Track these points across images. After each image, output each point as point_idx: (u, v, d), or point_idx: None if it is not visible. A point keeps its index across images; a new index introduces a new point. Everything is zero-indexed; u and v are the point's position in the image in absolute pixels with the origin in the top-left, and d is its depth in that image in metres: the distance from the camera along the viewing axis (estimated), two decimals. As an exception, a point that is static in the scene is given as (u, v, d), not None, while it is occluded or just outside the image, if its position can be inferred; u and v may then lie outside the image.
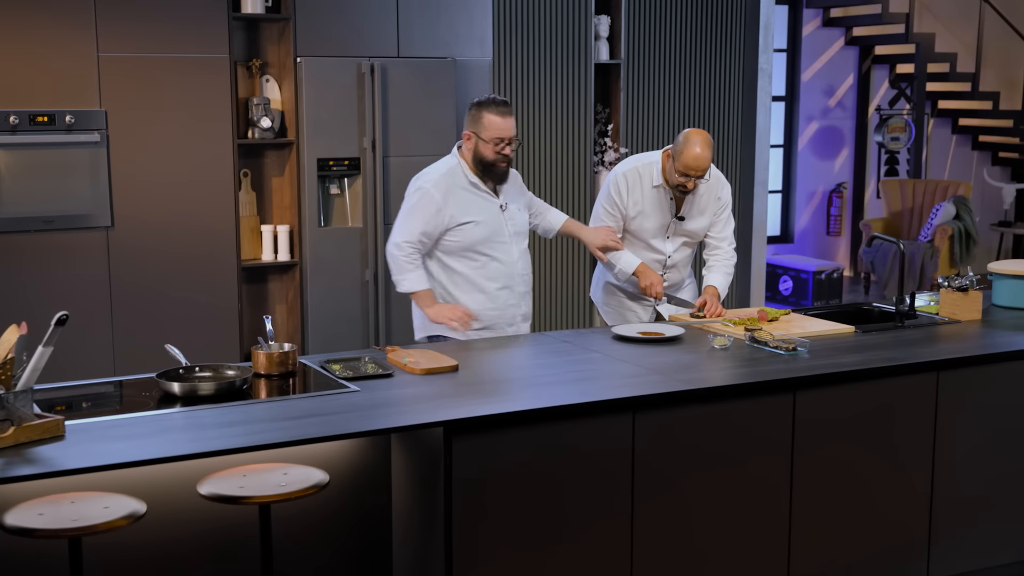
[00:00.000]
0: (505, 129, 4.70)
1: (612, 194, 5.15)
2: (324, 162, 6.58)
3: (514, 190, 4.95)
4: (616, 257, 5.15)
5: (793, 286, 10.55)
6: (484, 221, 4.78)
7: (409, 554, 3.84)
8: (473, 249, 4.78)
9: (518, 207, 4.94)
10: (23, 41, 5.82)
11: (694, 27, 8.13)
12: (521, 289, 4.92)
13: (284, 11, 6.53)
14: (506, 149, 4.73)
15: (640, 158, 5.20)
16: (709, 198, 5.18)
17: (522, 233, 4.94)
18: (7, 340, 3.30)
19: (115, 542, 3.51)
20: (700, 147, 4.89)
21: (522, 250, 4.92)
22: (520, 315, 4.94)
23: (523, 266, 4.92)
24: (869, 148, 11.87)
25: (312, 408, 3.63)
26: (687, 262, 5.33)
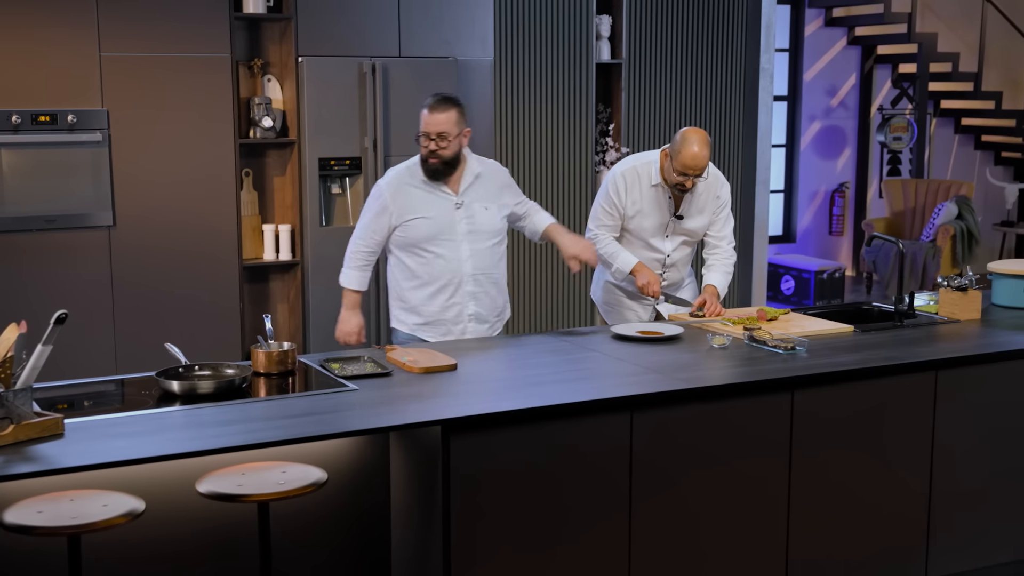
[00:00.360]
0: (428, 124, 4.69)
1: (610, 193, 5.16)
2: (325, 162, 6.60)
3: (487, 190, 4.88)
4: (613, 256, 5.16)
5: (795, 286, 10.56)
6: (433, 218, 4.76)
7: (407, 552, 3.86)
8: (418, 245, 4.78)
9: (486, 206, 4.85)
10: (25, 41, 5.84)
11: (695, 27, 8.14)
12: (470, 288, 4.82)
13: (286, 11, 6.54)
14: (430, 144, 4.70)
15: (638, 157, 5.21)
16: (708, 197, 5.18)
17: (483, 232, 4.84)
18: (7, 339, 3.31)
19: (114, 540, 3.52)
20: (698, 146, 4.90)
21: (477, 249, 4.81)
22: (468, 315, 4.85)
23: (475, 265, 4.81)
24: (871, 148, 11.88)
25: (311, 407, 3.65)
26: (686, 261, 5.34)
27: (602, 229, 5.22)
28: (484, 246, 4.84)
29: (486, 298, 4.87)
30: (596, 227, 5.24)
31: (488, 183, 4.89)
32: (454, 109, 4.70)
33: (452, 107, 4.70)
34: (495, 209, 4.88)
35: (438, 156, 4.72)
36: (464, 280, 4.80)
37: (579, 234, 5.16)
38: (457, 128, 4.72)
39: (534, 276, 7.81)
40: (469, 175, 4.84)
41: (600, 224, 5.22)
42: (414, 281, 4.84)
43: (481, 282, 4.84)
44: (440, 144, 4.69)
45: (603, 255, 5.21)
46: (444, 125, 4.67)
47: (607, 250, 5.20)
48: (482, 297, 4.85)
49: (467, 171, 4.84)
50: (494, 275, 4.90)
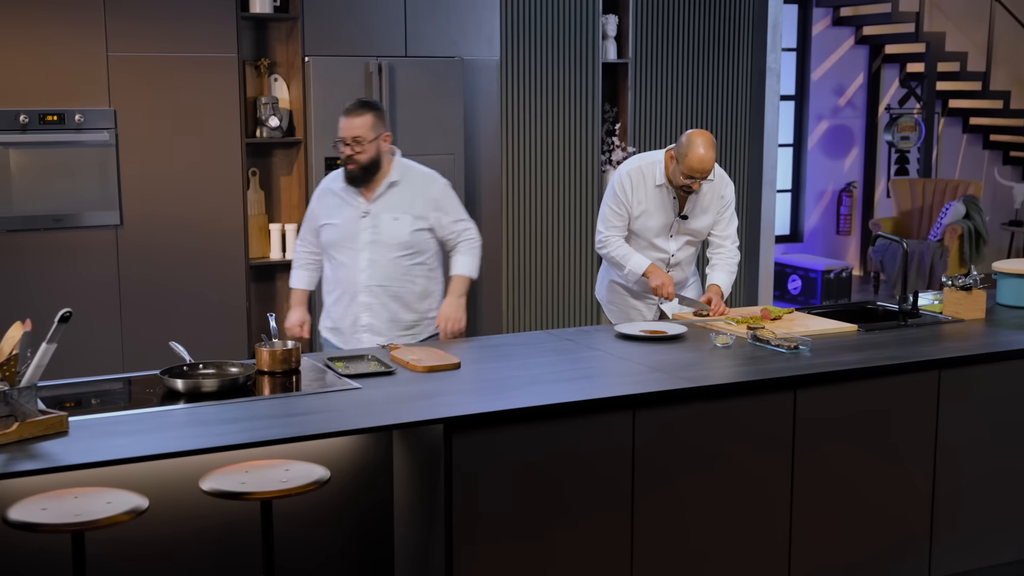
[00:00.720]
0: (343, 128, 4.64)
1: (617, 193, 5.17)
2: (332, 161, 6.61)
3: (402, 200, 4.70)
4: (625, 258, 5.16)
5: (802, 285, 10.56)
6: (338, 225, 4.71)
7: (410, 550, 3.87)
8: (327, 251, 4.79)
9: (396, 217, 4.68)
10: (33, 41, 5.87)
11: (702, 26, 8.14)
12: (363, 299, 4.69)
13: (292, 11, 6.56)
14: (346, 150, 4.63)
15: (642, 158, 5.22)
16: (712, 197, 5.19)
17: (388, 244, 4.67)
18: (11, 337, 3.34)
19: (118, 537, 3.54)
20: (704, 148, 4.91)
21: (377, 260, 4.66)
22: (361, 325, 4.72)
23: (371, 276, 4.67)
24: (879, 147, 11.87)
25: (314, 405, 3.66)
26: (691, 261, 5.35)
27: (612, 231, 5.21)
28: (386, 257, 4.67)
29: (383, 311, 4.70)
30: (606, 229, 5.23)
31: (405, 193, 4.70)
32: (370, 113, 4.61)
33: (368, 111, 4.61)
34: (408, 220, 4.68)
35: (355, 161, 4.63)
36: (358, 290, 4.70)
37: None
38: (373, 132, 4.61)
39: (539, 275, 7.82)
40: (385, 183, 4.69)
41: (610, 226, 5.22)
42: (326, 286, 4.87)
43: (377, 294, 4.69)
44: (356, 149, 4.60)
45: (615, 257, 5.21)
46: (359, 129, 4.59)
47: (618, 252, 5.20)
48: (378, 310, 4.69)
49: (385, 179, 4.70)
50: (394, 288, 4.70)
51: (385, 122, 4.70)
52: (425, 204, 4.73)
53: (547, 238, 7.80)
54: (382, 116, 4.68)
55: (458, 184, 6.91)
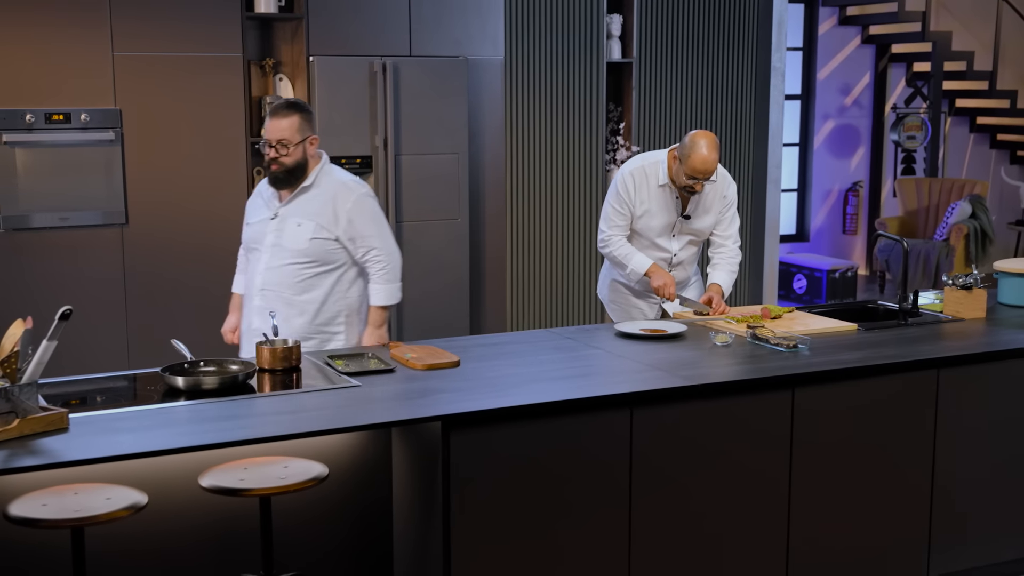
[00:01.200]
0: (268, 130, 4.48)
1: (620, 192, 5.19)
2: (336, 160, 6.61)
3: (312, 207, 4.53)
4: (627, 257, 5.18)
5: (807, 285, 10.56)
6: (252, 225, 4.66)
7: (409, 547, 3.90)
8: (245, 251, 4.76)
9: (300, 223, 4.52)
10: (39, 40, 5.90)
11: (707, 26, 8.15)
12: (257, 303, 4.57)
13: (297, 10, 6.59)
14: (270, 152, 4.47)
15: (645, 157, 5.23)
16: (715, 197, 5.21)
17: (287, 250, 4.51)
18: (12, 334, 3.37)
19: (117, 533, 3.57)
20: (707, 150, 4.93)
21: (271, 264, 4.54)
22: (253, 329, 4.55)
23: (265, 280, 4.56)
24: (886, 147, 11.87)
25: (313, 403, 3.68)
26: (693, 260, 5.37)
27: (614, 230, 5.23)
28: (282, 262, 4.53)
29: (271, 319, 4.39)
30: (608, 228, 5.26)
31: (315, 200, 4.53)
32: (297, 115, 4.46)
33: (294, 113, 4.46)
34: (310, 228, 4.51)
35: (279, 164, 4.47)
36: (254, 293, 4.60)
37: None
38: (300, 135, 4.46)
39: (543, 274, 7.84)
40: (299, 188, 4.54)
41: (612, 225, 5.24)
42: None
43: (268, 299, 4.55)
44: (281, 151, 4.45)
45: (617, 257, 5.23)
46: (285, 132, 4.43)
47: (621, 252, 5.22)
48: (267, 314, 4.45)
49: (302, 184, 4.55)
50: (287, 295, 4.54)
51: (313, 124, 4.56)
52: (333, 215, 4.52)
53: (551, 237, 7.82)
54: (310, 118, 4.54)
55: (462, 183, 6.94)
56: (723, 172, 5.25)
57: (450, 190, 6.94)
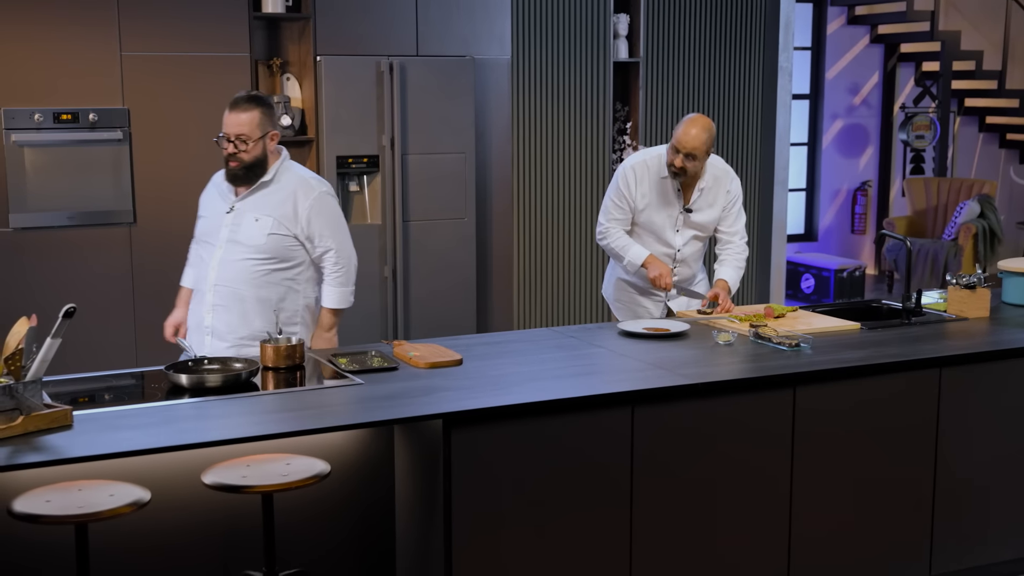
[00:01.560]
0: (227, 124, 4.36)
1: (620, 187, 5.22)
2: (343, 159, 6.67)
3: (269, 202, 4.42)
4: (625, 249, 5.21)
5: (815, 284, 10.56)
6: (206, 218, 4.53)
7: (411, 545, 3.92)
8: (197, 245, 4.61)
9: (257, 217, 4.40)
10: (47, 40, 5.94)
11: (714, 25, 8.16)
12: (209, 299, 4.44)
13: (304, 10, 6.62)
14: (229, 147, 4.35)
15: (648, 151, 5.27)
16: (718, 191, 5.23)
17: (244, 245, 4.39)
18: (17, 332, 3.39)
19: (121, 530, 3.60)
20: (695, 128, 4.99)
21: (226, 259, 4.41)
22: (205, 327, 4.45)
23: (219, 276, 4.42)
24: (894, 146, 11.86)
25: (316, 400, 3.71)
26: (698, 257, 5.37)
27: (612, 223, 5.27)
28: (238, 257, 4.40)
29: (226, 313, 4.42)
30: (606, 220, 5.29)
31: (275, 195, 4.43)
32: (257, 109, 4.34)
33: (255, 107, 4.34)
34: (268, 224, 4.40)
35: (237, 160, 4.35)
36: (206, 289, 4.45)
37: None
38: (260, 130, 4.35)
39: (550, 273, 7.86)
40: (258, 183, 4.43)
41: (611, 217, 5.27)
42: None
43: (222, 295, 4.42)
44: (240, 147, 4.33)
45: (614, 248, 5.26)
46: (245, 127, 4.31)
47: (618, 243, 5.25)
48: (221, 312, 4.41)
49: (261, 179, 4.43)
50: (241, 291, 4.41)
51: (274, 119, 4.43)
52: (293, 211, 4.43)
53: (558, 236, 7.84)
54: (271, 113, 4.41)
55: (469, 182, 6.97)
56: (726, 167, 5.28)
57: (457, 189, 6.96)
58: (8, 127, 5.89)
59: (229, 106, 4.36)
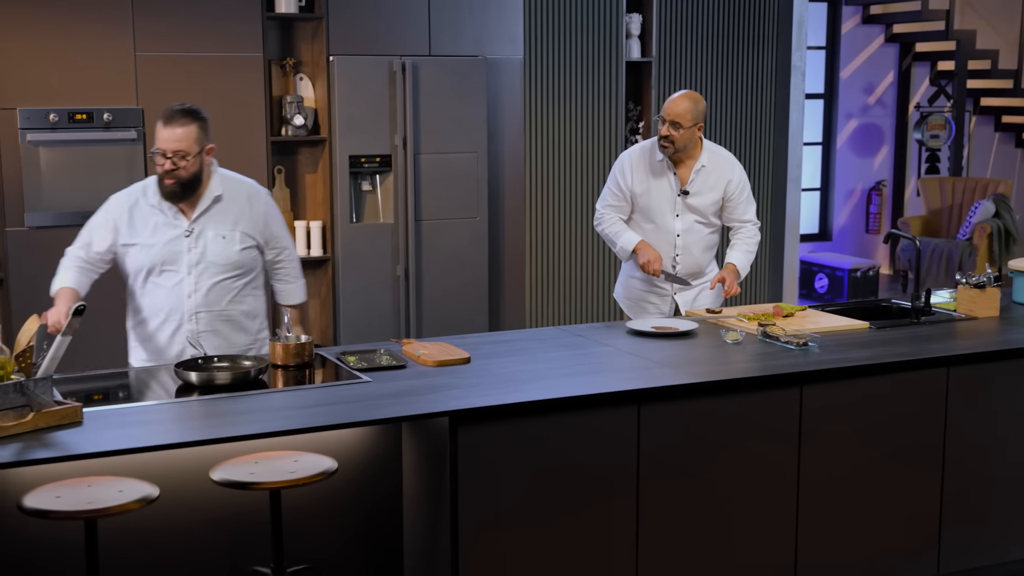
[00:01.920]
0: (163, 140, 4.14)
1: (616, 175, 5.35)
2: (356, 159, 6.70)
3: (227, 215, 4.32)
4: (617, 235, 5.31)
5: (829, 284, 10.56)
6: (155, 246, 4.23)
7: (418, 542, 3.95)
8: (139, 276, 4.29)
9: (223, 235, 4.29)
10: (62, 41, 5.99)
11: (726, 25, 8.17)
12: (192, 327, 4.28)
13: (317, 10, 6.66)
14: (166, 163, 4.15)
15: (645, 141, 5.45)
16: (717, 176, 5.28)
17: (216, 265, 4.27)
18: (28, 329, 3.44)
19: (130, 526, 3.63)
20: (680, 95, 5.15)
21: (200, 285, 4.27)
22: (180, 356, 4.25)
23: (200, 303, 4.28)
24: (909, 146, 11.84)
25: (324, 398, 3.74)
26: (705, 248, 5.37)
27: (608, 209, 5.38)
28: (212, 280, 4.29)
29: (215, 337, 4.32)
30: (602, 207, 5.40)
31: (233, 208, 4.33)
32: (195, 124, 4.16)
33: (192, 121, 4.16)
34: (237, 238, 4.32)
35: (175, 176, 4.16)
36: (185, 317, 4.28)
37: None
38: (198, 146, 4.18)
39: (562, 272, 7.88)
40: (208, 198, 4.27)
41: (606, 204, 5.38)
42: (139, 313, 4.36)
43: (206, 320, 4.30)
44: (178, 163, 4.14)
45: (608, 234, 5.36)
46: (183, 142, 4.13)
47: (612, 229, 5.34)
48: (209, 336, 4.30)
49: (207, 193, 4.28)
50: (225, 312, 4.34)
51: (209, 132, 4.26)
52: (251, 219, 4.37)
53: (570, 236, 7.85)
54: (207, 126, 4.25)
55: (481, 181, 6.99)
56: (728, 154, 5.37)
57: (469, 189, 6.99)
58: (23, 127, 5.95)
59: (164, 120, 4.16)
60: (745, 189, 5.33)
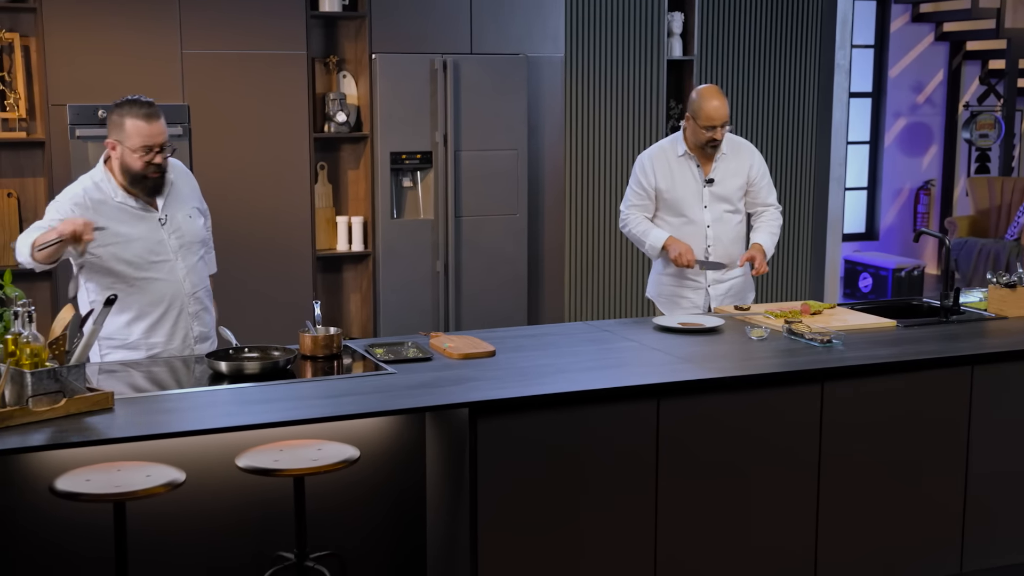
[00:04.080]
0: (151, 135, 4.17)
1: (638, 175, 5.41)
2: (397, 156, 6.79)
3: (182, 195, 4.41)
4: (645, 233, 5.37)
5: (873, 283, 10.52)
6: (140, 239, 4.24)
7: (441, 531, 4.02)
8: (127, 272, 4.23)
9: (189, 215, 4.40)
10: (111, 39, 6.13)
11: (769, 23, 8.17)
12: (193, 309, 4.37)
13: (360, 9, 6.75)
14: (156, 157, 4.20)
15: (662, 140, 5.51)
16: (739, 163, 5.37)
17: (195, 243, 4.39)
18: (63, 318, 3.56)
19: (157, 511, 3.74)
20: (716, 99, 5.19)
21: (189, 264, 4.36)
22: (195, 337, 4.39)
23: (193, 284, 4.37)
24: (959, 145, 11.76)
25: (349, 388, 3.82)
26: (735, 239, 5.43)
27: (632, 210, 5.45)
28: (195, 259, 4.40)
29: (207, 315, 4.47)
30: (626, 208, 5.47)
31: (182, 188, 4.43)
32: (162, 116, 4.24)
33: (161, 114, 4.24)
34: (198, 214, 4.48)
35: (160, 170, 4.24)
36: (185, 302, 4.36)
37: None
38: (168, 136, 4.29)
39: (601, 269, 7.93)
40: (167, 183, 4.34)
41: (630, 205, 5.45)
42: (131, 311, 4.27)
43: (200, 299, 4.42)
44: (164, 155, 4.24)
45: (636, 234, 5.42)
46: (162, 136, 4.20)
47: (639, 229, 5.40)
48: (203, 315, 4.42)
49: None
50: (208, 286, 4.51)
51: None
52: (195, 194, 4.53)
53: (609, 233, 7.90)
54: None
55: (521, 178, 7.06)
56: (744, 141, 5.48)
57: (509, 186, 7.06)
58: (73, 123, 6.08)
59: (143, 116, 4.15)
60: (766, 173, 5.46)
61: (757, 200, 5.45)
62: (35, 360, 3.43)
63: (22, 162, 6.28)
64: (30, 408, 3.37)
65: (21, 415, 3.36)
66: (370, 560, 4.10)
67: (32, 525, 3.65)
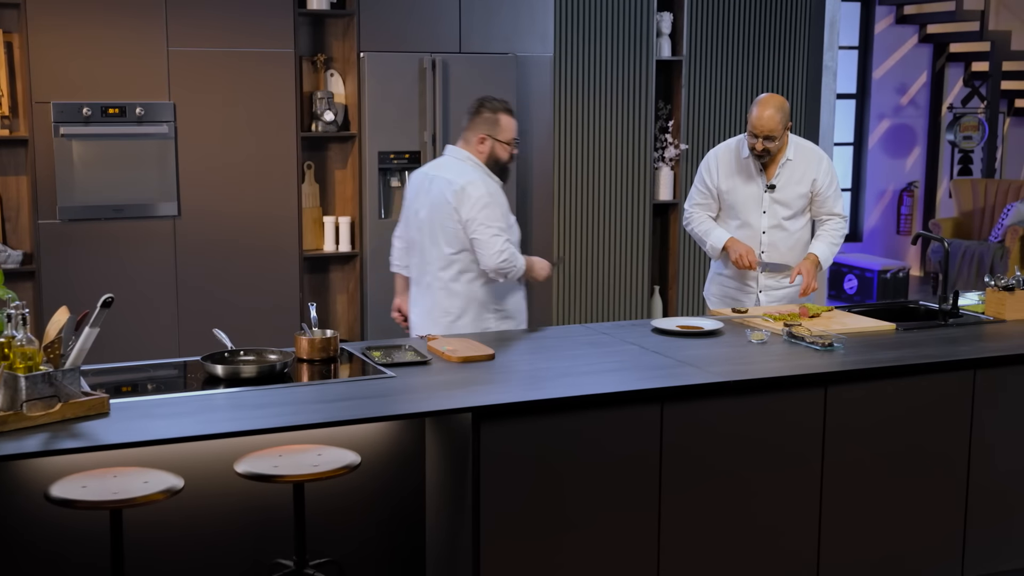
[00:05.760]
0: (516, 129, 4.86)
1: (703, 173, 5.43)
2: (385, 155, 6.72)
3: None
4: (707, 233, 5.39)
5: (858, 285, 10.51)
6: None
7: (441, 537, 3.96)
8: None
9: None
10: (96, 36, 6.04)
11: (758, 24, 8.15)
12: None
13: (348, 7, 6.68)
14: (516, 149, 4.89)
15: (731, 139, 5.49)
16: (805, 169, 5.32)
17: None
18: (57, 321, 3.47)
19: (154, 518, 3.67)
20: (768, 109, 5.15)
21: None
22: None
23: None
24: (942, 147, 11.78)
25: (348, 392, 3.76)
26: (793, 245, 5.39)
27: (695, 208, 5.46)
28: None
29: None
30: (690, 206, 5.49)
31: None
32: None
33: None
34: None
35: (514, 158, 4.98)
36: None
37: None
38: None
39: (590, 271, 7.88)
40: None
41: (693, 203, 5.47)
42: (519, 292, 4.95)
43: None
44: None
45: (698, 233, 5.44)
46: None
47: (701, 228, 5.42)
48: None
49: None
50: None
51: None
52: None
53: (598, 235, 7.85)
54: None
55: (510, 179, 6.95)
56: (814, 148, 5.42)
57: (498, 186, 6.99)
58: (57, 120, 6.00)
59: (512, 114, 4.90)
60: (833, 183, 5.39)
61: (822, 209, 5.39)
62: (29, 364, 3.35)
63: (4, 160, 6.19)
64: (24, 413, 3.29)
65: (15, 420, 3.27)
66: (369, 567, 4.04)
67: (26, 532, 3.57)
